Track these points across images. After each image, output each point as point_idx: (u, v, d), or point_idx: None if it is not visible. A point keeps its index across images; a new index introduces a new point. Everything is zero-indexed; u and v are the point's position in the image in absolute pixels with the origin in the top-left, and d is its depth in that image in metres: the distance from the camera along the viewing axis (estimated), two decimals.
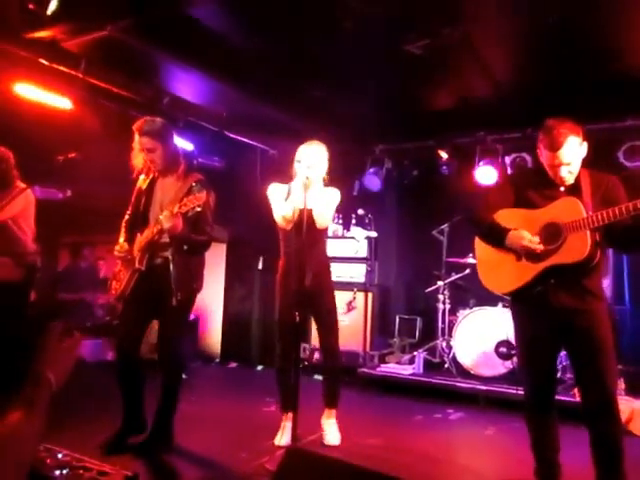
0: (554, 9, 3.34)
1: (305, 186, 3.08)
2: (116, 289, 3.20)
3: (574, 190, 2.44)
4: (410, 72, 4.36)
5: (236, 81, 4.56)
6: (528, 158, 5.32)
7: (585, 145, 2.42)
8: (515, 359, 4.80)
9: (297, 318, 3.00)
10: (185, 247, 3.07)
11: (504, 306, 5.09)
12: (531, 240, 2.42)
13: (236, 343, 6.33)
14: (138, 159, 3.17)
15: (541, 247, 2.41)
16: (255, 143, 5.95)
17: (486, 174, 5.37)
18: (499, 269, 2.58)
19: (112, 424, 3.17)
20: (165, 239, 3.06)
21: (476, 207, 2.69)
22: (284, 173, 3.51)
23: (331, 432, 3.43)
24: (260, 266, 6.26)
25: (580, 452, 2.59)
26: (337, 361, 3.49)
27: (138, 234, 3.16)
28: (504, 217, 2.54)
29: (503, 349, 4.87)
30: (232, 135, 5.61)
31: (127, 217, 3.30)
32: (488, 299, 5.24)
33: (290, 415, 3.11)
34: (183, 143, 5.32)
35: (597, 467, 2.39)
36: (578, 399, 3.96)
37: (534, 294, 2.45)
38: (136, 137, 3.10)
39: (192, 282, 3.15)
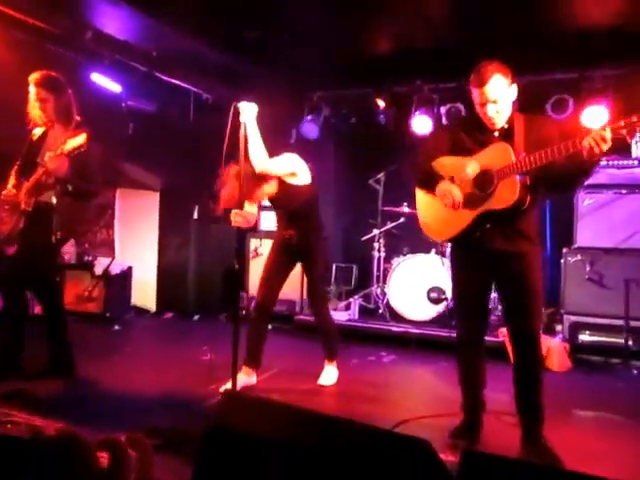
0: None
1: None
2: (2, 232, 3.29)
3: (507, 134, 2.45)
4: (347, 15, 4.25)
5: (166, 16, 4.27)
6: (462, 108, 5.40)
7: (514, 87, 2.42)
8: (444, 304, 5.03)
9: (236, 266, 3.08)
10: (69, 187, 3.20)
11: (436, 253, 5.28)
12: (454, 197, 2.47)
13: (172, 293, 6.21)
14: (35, 110, 3.27)
15: (459, 202, 2.47)
16: (188, 86, 5.67)
17: (422, 123, 5.42)
18: (438, 218, 2.65)
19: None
20: (50, 180, 3.18)
21: (417, 156, 2.70)
22: (217, 118, 3.41)
23: (326, 374, 3.59)
24: (195, 215, 6.11)
25: (501, 386, 2.81)
26: (325, 322, 3.58)
27: (25, 181, 3.26)
28: (442, 165, 2.57)
29: (434, 294, 5.09)
30: (163, 77, 5.31)
31: (16, 167, 3.38)
32: (421, 247, 5.41)
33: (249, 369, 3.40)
34: (110, 84, 4.99)
35: (518, 396, 2.56)
36: (500, 339, 4.27)
37: (472, 239, 2.52)
38: (31, 87, 3.20)
39: (74, 224, 3.46)
